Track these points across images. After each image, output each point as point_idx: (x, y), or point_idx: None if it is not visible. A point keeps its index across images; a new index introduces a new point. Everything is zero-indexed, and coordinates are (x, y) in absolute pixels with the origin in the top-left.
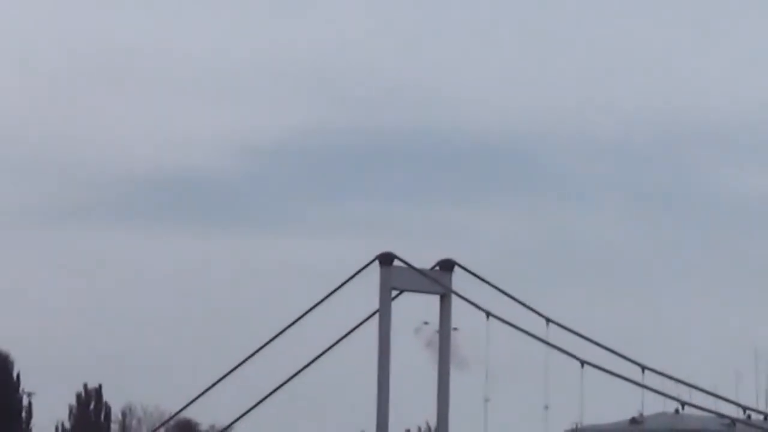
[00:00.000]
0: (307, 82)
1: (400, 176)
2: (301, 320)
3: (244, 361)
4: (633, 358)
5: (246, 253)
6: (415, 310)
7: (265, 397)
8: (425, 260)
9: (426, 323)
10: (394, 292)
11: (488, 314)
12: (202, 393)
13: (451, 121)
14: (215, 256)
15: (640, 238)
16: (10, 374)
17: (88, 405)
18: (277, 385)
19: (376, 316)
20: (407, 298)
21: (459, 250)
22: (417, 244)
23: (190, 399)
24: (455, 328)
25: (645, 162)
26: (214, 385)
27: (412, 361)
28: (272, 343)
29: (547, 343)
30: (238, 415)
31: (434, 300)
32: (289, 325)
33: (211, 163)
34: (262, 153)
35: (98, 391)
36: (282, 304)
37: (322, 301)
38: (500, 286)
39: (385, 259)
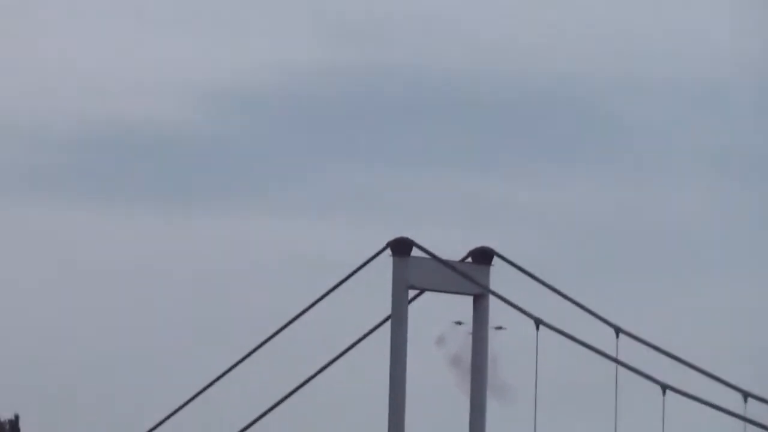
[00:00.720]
0: (295, 10)
1: (418, 135)
2: (286, 330)
3: (211, 384)
4: (732, 382)
5: (213, 237)
6: (440, 316)
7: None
8: (454, 249)
9: (459, 323)
10: (412, 293)
11: (539, 322)
12: (164, 420)
13: (482, 64)
14: (172, 242)
15: (743, 219)
16: None
17: None
18: (255, 416)
19: (388, 323)
20: (429, 300)
21: (499, 235)
22: (443, 226)
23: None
24: (500, 327)
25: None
26: (176, 411)
27: (436, 383)
28: (251, 359)
29: (618, 362)
30: None
31: (466, 303)
32: (270, 337)
33: (165, 115)
34: (236, 103)
35: (14, 424)
36: (262, 307)
37: (313, 305)
38: (555, 285)
39: (400, 248)
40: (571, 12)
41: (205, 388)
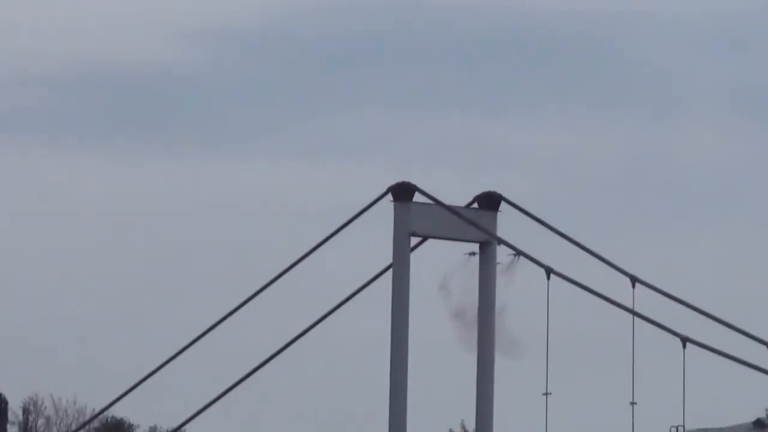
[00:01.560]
0: None
1: (419, 73)
2: (284, 278)
3: (199, 337)
4: (757, 335)
5: (203, 181)
6: (445, 264)
7: (227, 391)
8: (458, 194)
9: (473, 254)
10: (415, 240)
11: (549, 271)
12: (141, 381)
13: None
14: (153, 186)
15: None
16: None
17: None
18: (254, 366)
19: (389, 272)
20: (433, 247)
21: (506, 178)
22: (447, 170)
23: (123, 390)
24: (516, 254)
25: None
26: (179, 353)
27: (441, 337)
28: (241, 312)
29: (635, 313)
30: (191, 413)
31: (471, 250)
32: (266, 285)
33: (153, 55)
34: (227, 41)
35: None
36: (259, 254)
37: (310, 252)
38: (566, 232)
39: (402, 192)
40: None
41: (199, 337)
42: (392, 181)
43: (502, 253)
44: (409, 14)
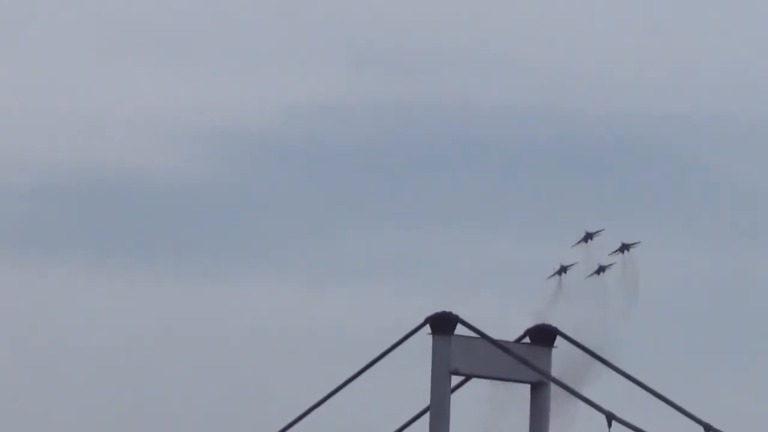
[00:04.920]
0: (307, 36)
1: (456, 184)
2: (307, 419)
3: None
4: None
5: (215, 309)
6: (490, 408)
7: None
8: (507, 326)
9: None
10: (456, 379)
11: (611, 418)
12: None
13: (535, 97)
14: (161, 311)
15: None
16: None
17: None
18: None
19: (426, 416)
20: (476, 387)
21: (562, 309)
22: (492, 298)
23: None
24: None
25: None
26: None
27: None
28: None
29: None
30: None
31: (522, 392)
32: (287, 427)
33: (150, 162)
34: (238, 146)
35: None
36: (281, 389)
37: (336, 391)
38: (630, 371)
39: (442, 324)
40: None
41: None
42: (430, 310)
43: (557, 395)
44: (442, 117)
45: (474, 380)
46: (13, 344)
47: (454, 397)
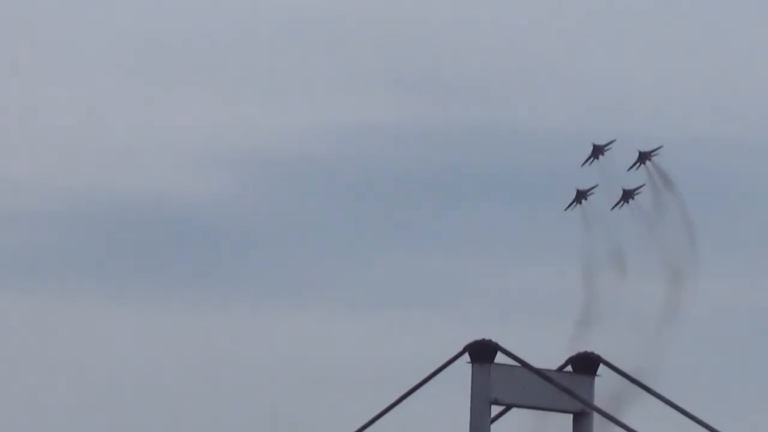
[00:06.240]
0: (347, 59)
1: (494, 207)
2: None
3: None
4: None
5: (249, 336)
6: None
7: None
8: (548, 355)
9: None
10: (496, 409)
11: None
12: None
13: (579, 123)
14: (187, 339)
15: None
16: None
17: None
18: None
19: None
20: (517, 417)
21: (605, 335)
22: (533, 325)
23: None
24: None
25: None
26: None
27: None
28: None
29: None
30: None
31: (564, 422)
32: None
33: (177, 186)
34: (267, 171)
35: None
36: (314, 422)
37: (371, 422)
38: (678, 402)
39: (481, 352)
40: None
41: None
42: (469, 338)
43: (600, 425)
44: (482, 143)
45: (514, 410)
46: (30, 372)
47: (494, 428)
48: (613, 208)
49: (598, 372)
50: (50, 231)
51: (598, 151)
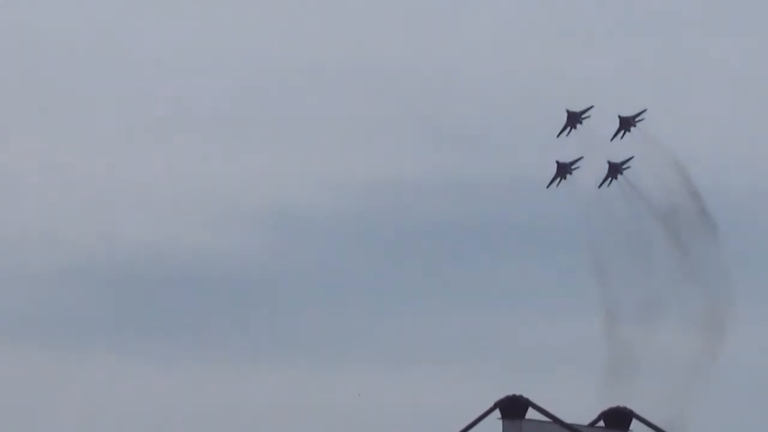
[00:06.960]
0: (381, 112)
1: (522, 258)
2: None
3: None
4: None
5: (283, 391)
6: None
7: None
8: (580, 410)
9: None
10: None
11: None
12: None
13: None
14: (205, 396)
15: None
16: None
17: None
18: None
19: None
20: None
21: (637, 390)
22: (564, 380)
23: None
24: None
25: None
26: None
27: None
28: None
29: None
30: None
31: None
32: None
33: (192, 239)
34: (289, 223)
35: None
36: None
37: None
38: None
39: (512, 408)
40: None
41: None
42: (500, 395)
43: None
44: (514, 197)
45: None
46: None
47: None
48: (601, 185)
49: (630, 427)
50: (67, 288)
51: (574, 119)
